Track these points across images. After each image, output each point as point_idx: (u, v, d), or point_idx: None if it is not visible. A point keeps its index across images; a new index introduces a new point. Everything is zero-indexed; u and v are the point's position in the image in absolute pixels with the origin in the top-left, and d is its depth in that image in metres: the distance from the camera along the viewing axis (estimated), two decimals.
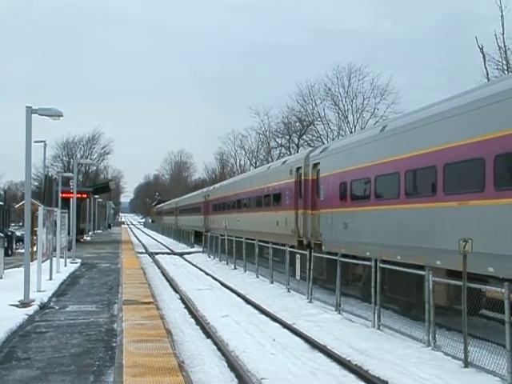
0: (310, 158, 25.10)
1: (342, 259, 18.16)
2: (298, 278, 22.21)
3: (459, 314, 11.91)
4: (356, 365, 11.55)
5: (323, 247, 22.20)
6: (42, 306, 17.42)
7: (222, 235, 38.53)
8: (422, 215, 15.34)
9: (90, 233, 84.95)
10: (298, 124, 70.79)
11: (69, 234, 34.17)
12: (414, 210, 15.75)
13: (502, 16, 37.44)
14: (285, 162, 30.58)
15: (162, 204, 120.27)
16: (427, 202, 15.09)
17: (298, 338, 14.30)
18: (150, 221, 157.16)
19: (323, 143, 56.44)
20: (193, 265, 36.85)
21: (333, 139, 58.25)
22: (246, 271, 30.76)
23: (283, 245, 24.36)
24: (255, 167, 75.21)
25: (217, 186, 54.84)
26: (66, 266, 29.50)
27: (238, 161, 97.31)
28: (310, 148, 34.31)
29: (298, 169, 26.27)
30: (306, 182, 25.22)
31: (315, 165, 24.13)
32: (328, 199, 22.36)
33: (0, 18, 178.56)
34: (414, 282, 14.31)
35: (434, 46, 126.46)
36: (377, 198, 18.20)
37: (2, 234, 37.52)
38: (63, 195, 41.68)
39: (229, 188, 44.82)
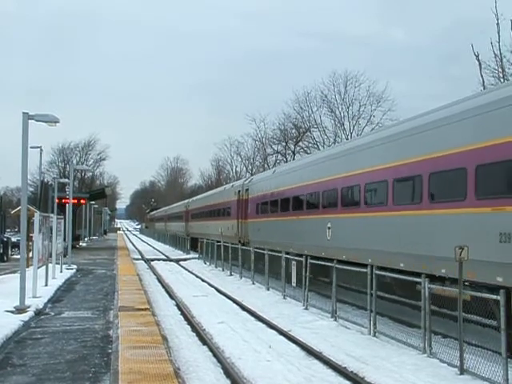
0: (245, 184, 36.39)
1: (337, 266, 18.22)
2: (293, 284, 22.22)
3: (453, 319, 11.95)
4: (352, 372, 11.56)
5: (250, 244, 32.46)
6: (38, 312, 17.38)
7: (218, 242, 38.71)
8: (289, 223, 26.18)
9: (86, 239, 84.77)
10: (294, 131, 70.88)
11: (64, 239, 34.14)
12: (286, 221, 26.56)
13: (497, 24, 37.66)
14: (233, 185, 42.46)
15: (155, 211, 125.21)
16: (291, 216, 25.91)
17: (293, 345, 14.30)
18: (144, 227, 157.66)
19: (319, 150, 56.63)
20: (188, 271, 36.81)
21: (329, 146, 58.35)
22: (241, 278, 30.75)
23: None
24: (251, 174, 75.29)
25: (194, 198, 66.69)
26: (61, 272, 29.43)
27: (234, 167, 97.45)
28: (246, 177, 46.42)
29: (239, 191, 37.02)
30: (242, 201, 35.89)
31: (247, 189, 35.20)
32: (251, 213, 33.58)
33: (2, 22, 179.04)
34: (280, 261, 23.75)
35: (435, 53, 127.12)
36: (270, 212, 29.79)
37: None
38: (59, 201, 41.62)
39: (201, 201, 56.78)
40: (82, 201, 58.71)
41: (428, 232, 14.75)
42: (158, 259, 48.41)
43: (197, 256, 47.82)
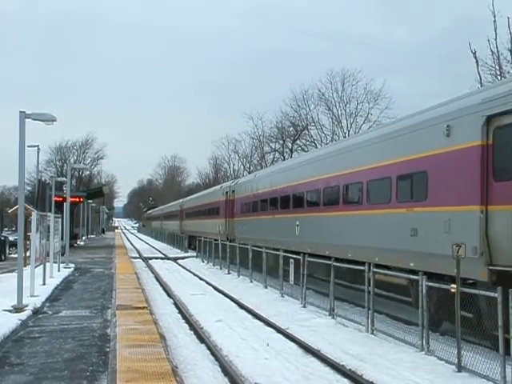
0: (231, 186, 40.43)
1: (335, 263, 18.23)
2: (291, 282, 22.22)
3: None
4: (350, 369, 11.56)
5: (236, 240, 35.85)
6: (36, 311, 17.37)
7: (215, 240, 38.83)
8: (267, 221, 29.81)
9: (84, 238, 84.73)
10: (291, 129, 70.96)
11: (62, 238, 34.09)
12: (264, 219, 30.31)
13: (494, 21, 37.72)
14: (221, 187, 46.69)
15: (152, 210, 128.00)
16: (268, 215, 29.69)
17: (291, 343, 14.30)
18: (142, 225, 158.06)
19: (316, 148, 56.68)
20: (186, 270, 36.81)
21: (326, 143, 58.40)
22: (239, 276, 30.75)
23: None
24: (249, 172, 75.40)
25: (188, 198, 71.00)
26: (59, 270, 29.42)
27: (231, 165, 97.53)
28: (233, 179, 51.04)
29: (227, 192, 40.73)
30: (230, 201, 39.65)
31: (233, 191, 39.05)
32: (237, 212, 37.48)
33: (3, 23, 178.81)
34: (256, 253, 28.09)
35: (433, 51, 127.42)
36: (252, 211, 33.41)
37: None
38: (56, 200, 41.56)
39: (194, 201, 60.74)
40: (73, 199, 58.26)
41: (367, 228, 18.07)
42: (156, 258, 48.37)
43: (194, 254, 47.81)
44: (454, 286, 11.61)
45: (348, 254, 18.71)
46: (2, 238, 41.08)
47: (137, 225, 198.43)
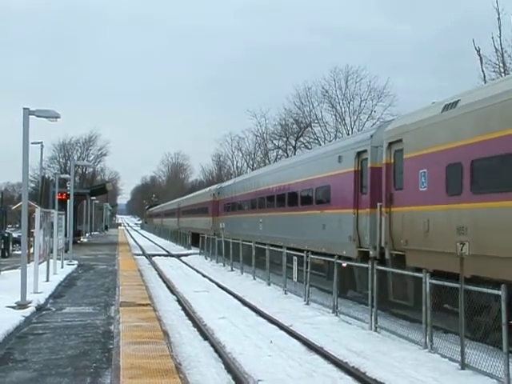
0: (217, 189, 48.13)
1: (338, 261, 18.25)
2: (295, 280, 22.23)
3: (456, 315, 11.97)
4: (353, 367, 11.55)
5: (220, 235, 39.83)
6: (39, 308, 17.40)
7: (218, 237, 38.95)
8: (241, 219, 37.13)
9: (87, 234, 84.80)
10: (295, 126, 70.78)
11: (66, 235, 34.14)
12: (239, 217, 37.70)
13: (498, 19, 37.75)
14: (210, 189, 53.56)
15: (153, 208, 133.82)
16: (241, 214, 37.60)
17: (295, 340, 14.30)
18: (144, 222, 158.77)
19: (320, 145, 56.66)
20: (190, 267, 36.85)
21: (330, 141, 58.32)
22: (242, 273, 30.76)
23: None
24: (252, 169, 75.39)
25: (183, 198, 78.29)
26: (62, 267, 29.47)
27: (235, 163, 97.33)
28: (219, 183, 55.65)
29: (214, 194, 48.27)
30: (216, 202, 47.11)
31: (219, 193, 46.75)
32: (221, 211, 45.13)
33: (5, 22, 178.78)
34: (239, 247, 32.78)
35: (437, 48, 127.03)
36: (231, 211, 41.02)
37: None
38: (60, 197, 41.60)
39: (188, 200, 68.63)
40: (82, 197, 58.37)
41: (301, 224, 24.85)
42: (159, 255, 48.43)
43: (198, 251, 47.85)
44: (344, 263, 18.46)
45: (291, 244, 24.62)
46: (6, 235, 41.13)
47: (140, 222, 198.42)
